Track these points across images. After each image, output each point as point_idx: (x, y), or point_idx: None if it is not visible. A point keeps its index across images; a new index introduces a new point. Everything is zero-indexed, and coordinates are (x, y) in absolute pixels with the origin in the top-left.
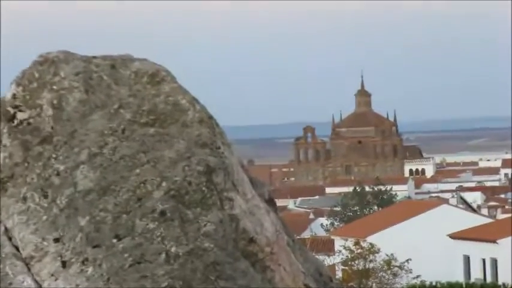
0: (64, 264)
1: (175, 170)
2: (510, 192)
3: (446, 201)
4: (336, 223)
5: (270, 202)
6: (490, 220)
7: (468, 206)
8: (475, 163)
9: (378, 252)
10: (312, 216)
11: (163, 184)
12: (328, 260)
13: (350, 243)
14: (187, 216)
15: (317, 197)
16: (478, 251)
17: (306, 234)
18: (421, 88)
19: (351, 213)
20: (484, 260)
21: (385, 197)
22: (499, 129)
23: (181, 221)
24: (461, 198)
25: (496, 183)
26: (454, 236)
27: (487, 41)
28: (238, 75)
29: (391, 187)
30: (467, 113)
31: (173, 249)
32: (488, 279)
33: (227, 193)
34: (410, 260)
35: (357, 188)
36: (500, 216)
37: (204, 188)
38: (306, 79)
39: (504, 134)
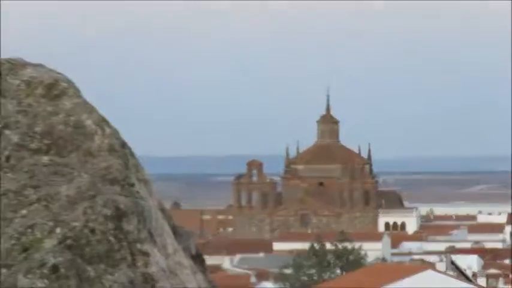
0: None
1: (74, 213)
2: None
3: (432, 265)
4: None
5: (198, 259)
6: None
7: (461, 273)
8: (473, 217)
9: None
10: (253, 279)
11: (58, 230)
12: None
13: None
14: (87, 274)
15: (262, 254)
16: None
17: None
18: (405, 115)
19: (306, 278)
20: None
21: (351, 257)
22: (504, 173)
23: (79, 280)
24: (452, 262)
25: (499, 245)
26: None
27: (493, 59)
28: (160, 92)
29: (360, 245)
30: (464, 151)
31: None
32: None
33: (141, 245)
34: None
35: (315, 244)
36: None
37: (111, 238)
38: (252, 98)
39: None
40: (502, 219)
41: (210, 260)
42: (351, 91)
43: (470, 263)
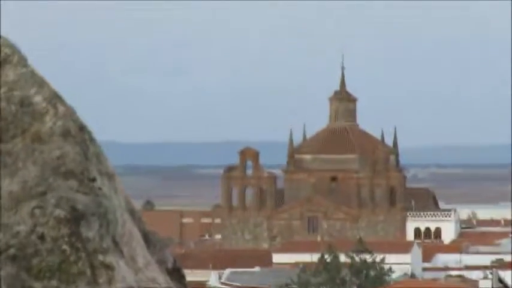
0: None
1: (19, 215)
2: None
3: (475, 284)
4: None
5: (176, 274)
6: None
7: None
8: None
9: None
10: None
11: None
12: None
13: None
14: None
15: (258, 268)
16: None
17: None
18: (440, 93)
19: None
20: None
21: (372, 273)
22: None
23: None
24: (501, 280)
25: None
26: None
27: None
28: (130, 63)
29: (384, 257)
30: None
31: None
32: None
33: (104, 256)
34: None
35: (326, 256)
36: None
37: (65, 247)
38: (247, 71)
39: None
40: None
41: (192, 276)
42: (372, 61)
43: None
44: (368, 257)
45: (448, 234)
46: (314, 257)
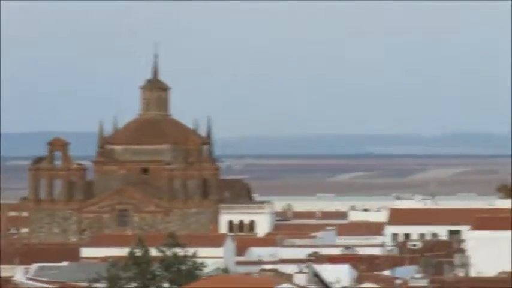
0: None
1: None
2: (400, 268)
3: (289, 278)
4: None
5: None
6: None
7: None
8: (343, 214)
9: None
10: None
11: None
12: None
13: None
14: None
15: (66, 263)
16: None
17: None
18: (261, 81)
19: None
20: None
21: (184, 267)
22: (388, 157)
23: None
24: (316, 274)
25: (377, 251)
26: None
27: None
28: None
29: (196, 251)
30: (335, 127)
31: None
32: None
33: None
34: None
35: (136, 250)
36: None
37: None
38: (54, 60)
39: (399, 165)
40: (381, 217)
41: None
42: (188, 50)
43: (339, 274)
44: (180, 251)
45: (263, 227)
46: (124, 251)
